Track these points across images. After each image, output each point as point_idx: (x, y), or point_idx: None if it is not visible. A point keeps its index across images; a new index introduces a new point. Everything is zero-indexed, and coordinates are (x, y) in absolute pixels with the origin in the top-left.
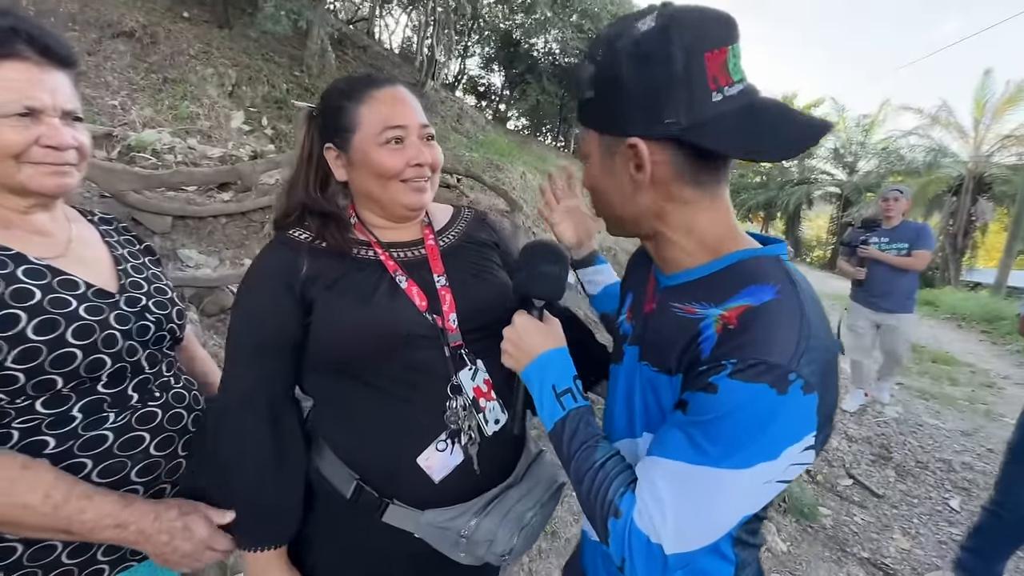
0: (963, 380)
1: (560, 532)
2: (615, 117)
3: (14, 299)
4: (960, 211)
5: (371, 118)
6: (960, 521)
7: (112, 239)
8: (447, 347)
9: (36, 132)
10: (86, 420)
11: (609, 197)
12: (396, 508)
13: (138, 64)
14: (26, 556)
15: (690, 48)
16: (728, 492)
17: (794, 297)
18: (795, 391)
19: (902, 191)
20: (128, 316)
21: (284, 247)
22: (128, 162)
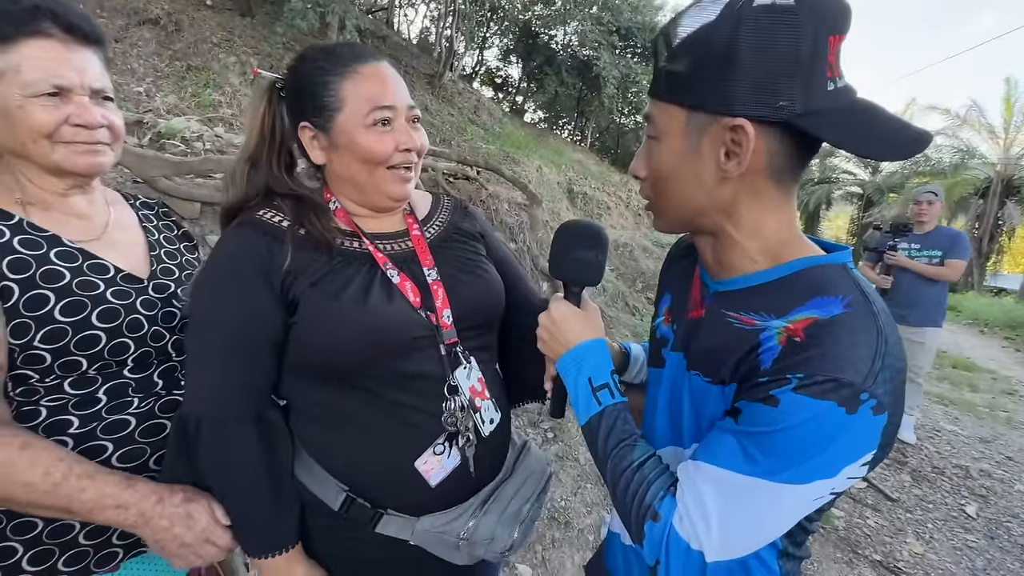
0: (983, 387)
1: (574, 523)
2: (717, 92)
3: (44, 280)
4: (987, 215)
5: (357, 96)
6: (976, 528)
7: (151, 224)
8: (443, 345)
9: (65, 111)
10: (110, 403)
11: (682, 185)
12: (390, 518)
13: (163, 51)
14: (46, 533)
15: (819, 28)
16: (780, 506)
17: (867, 310)
18: (865, 411)
19: (936, 193)
20: (155, 302)
21: (257, 231)
22: (158, 149)
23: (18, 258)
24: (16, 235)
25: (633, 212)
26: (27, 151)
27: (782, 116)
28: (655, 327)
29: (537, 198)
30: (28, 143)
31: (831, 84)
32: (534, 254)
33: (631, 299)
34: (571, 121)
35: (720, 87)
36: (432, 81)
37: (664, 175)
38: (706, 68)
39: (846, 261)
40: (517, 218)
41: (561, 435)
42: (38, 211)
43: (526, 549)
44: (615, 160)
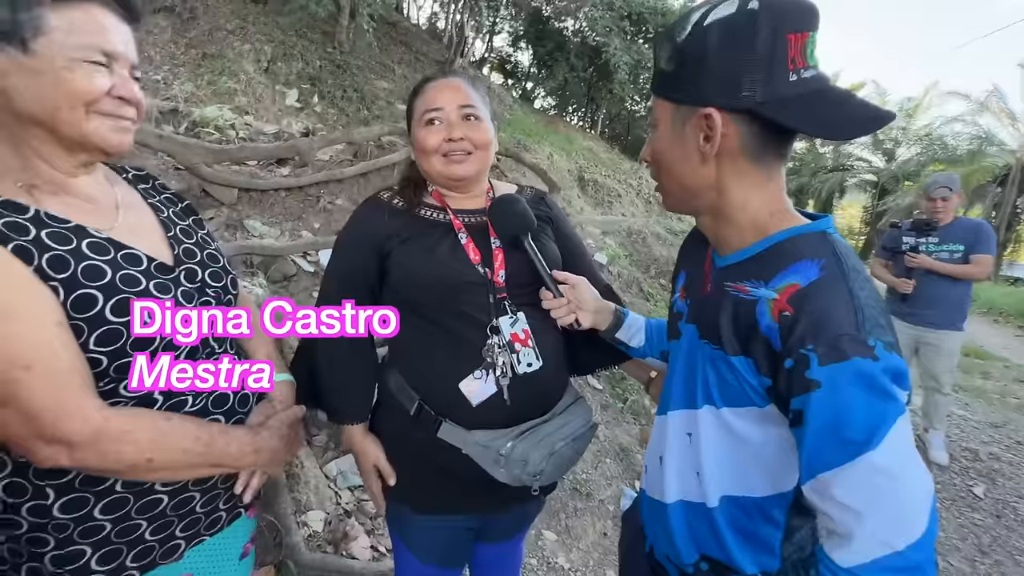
0: (996, 374)
1: (594, 494)
2: (693, 88)
3: (87, 278)
4: (1004, 203)
5: (419, 106)
6: (983, 507)
7: (154, 199)
8: (493, 296)
9: (108, 82)
10: (166, 403)
11: (675, 167)
12: (448, 426)
13: (178, 39)
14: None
15: (776, 28)
16: (899, 459)
17: (838, 272)
18: (880, 351)
19: (951, 187)
20: (191, 293)
21: (371, 205)
22: (193, 136)
23: (55, 255)
24: (41, 229)
25: (644, 200)
26: (56, 118)
27: (745, 104)
28: (672, 303)
29: (555, 184)
30: (64, 108)
31: (793, 75)
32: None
33: (645, 285)
34: (581, 108)
35: (693, 83)
36: (443, 68)
37: (661, 160)
38: (685, 68)
39: (825, 228)
40: None
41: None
42: (46, 196)
43: (551, 517)
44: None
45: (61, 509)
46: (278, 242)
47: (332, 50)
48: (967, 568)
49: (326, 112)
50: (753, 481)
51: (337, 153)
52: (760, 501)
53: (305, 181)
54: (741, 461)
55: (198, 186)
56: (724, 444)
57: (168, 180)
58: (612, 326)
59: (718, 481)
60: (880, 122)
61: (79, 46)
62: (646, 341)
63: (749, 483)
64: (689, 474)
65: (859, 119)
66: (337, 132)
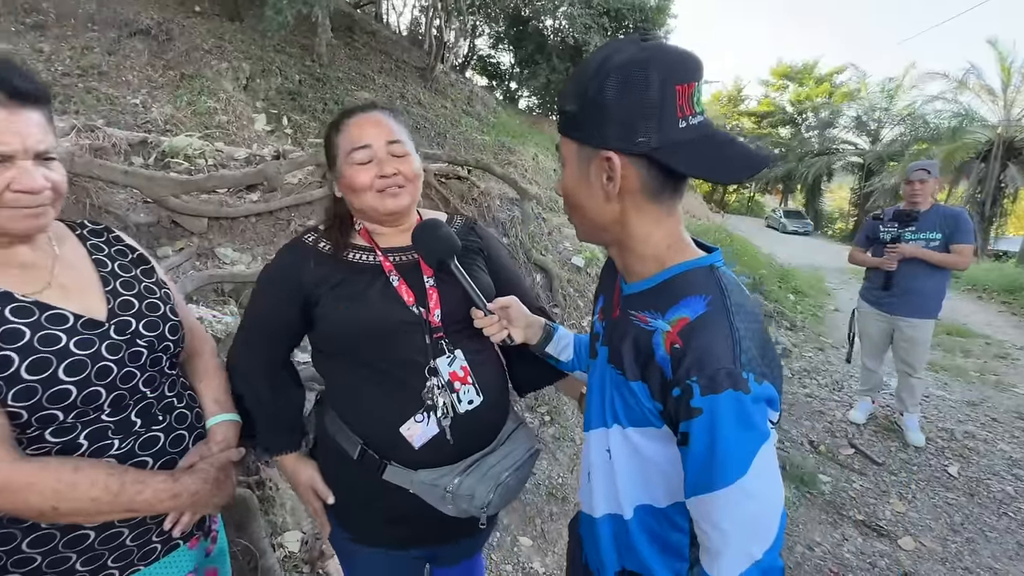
0: (977, 351)
1: (570, 498)
2: (595, 131)
3: (5, 340)
4: (988, 178)
5: (344, 143)
6: (957, 486)
7: (102, 254)
8: (429, 336)
9: (7, 177)
10: (91, 447)
11: (582, 203)
12: (393, 468)
13: (155, 61)
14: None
15: (665, 79)
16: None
17: (721, 307)
18: (752, 384)
19: (929, 170)
20: (119, 345)
21: (295, 250)
22: (163, 167)
23: None
24: None
25: None
26: None
27: (642, 149)
28: (592, 324)
29: (528, 193)
30: None
31: (683, 122)
32: (527, 247)
33: None
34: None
35: (594, 127)
36: (424, 74)
37: (570, 195)
38: (586, 111)
39: (713, 262)
40: (509, 213)
41: (557, 418)
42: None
43: (526, 523)
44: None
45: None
46: (249, 268)
47: (311, 63)
48: (938, 547)
49: (307, 125)
50: (657, 492)
51: (306, 175)
52: (665, 510)
53: (275, 206)
54: (646, 474)
55: (167, 217)
56: (632, 460)
57: (137, 213)
58: (542, 340)
59: (631, 493)
60: (760, 164)
61: None
62: (575, 356)
63: (654, 494)
64: (610, 488)
65: (742, 163)
66: (304, 155)
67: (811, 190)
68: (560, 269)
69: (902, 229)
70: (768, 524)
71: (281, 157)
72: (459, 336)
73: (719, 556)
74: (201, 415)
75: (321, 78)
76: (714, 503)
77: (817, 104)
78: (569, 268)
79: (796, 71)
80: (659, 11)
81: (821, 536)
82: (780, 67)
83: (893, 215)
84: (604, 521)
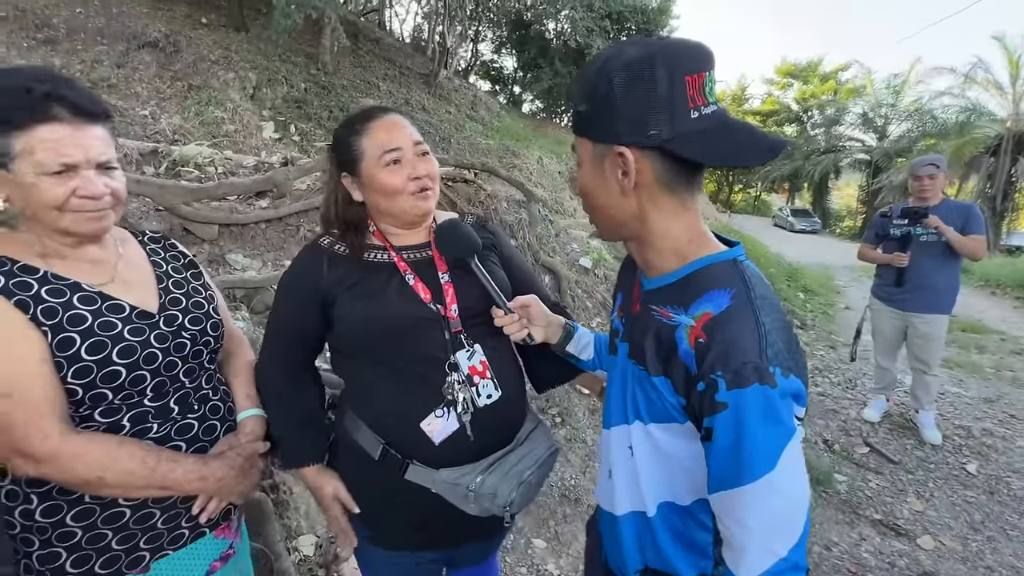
0: (992, 348)
1: (583, 499)
2: (607, 128)
3: (70, 324)
4: (999, 172)
5: (371, 146)
6: (976, 484)
7: (158, 256)
8: (448, 332)
9: (72, 185)
10: (133, 429)
11: (599, 200)
12: (415, 467)
13: (163, 73)
14: (84, 540)
15: (673, 71)
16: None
17: (746, 300)
18: (778, 378)
19: (938, 164)
20: (166, 335)
21: (313, 252)
22: (174, 176)
23: (48, 306)
24: (43, 286)
25: None
26: (40, 217)
27: (654, 142)
28: (612, 321)
29: (534, 195)
30: (41, 211)
31: (695, 112)
32: (535, 249)
33: None
34: (569, 109)
35: (606, 124)
36: (428, 80)
37: (587, 193)
38: (597, 110)
39: (736, 256)
40: (516, 216)
41: (568, 419)
42: (57, 261)
43: (540, 525)
44: None
45: (42, 514)
46: (260, 274)
47: (316, 71)
48: (959, 546)
49: (313, 133)
50: (680, 489)
51: (314, 181)
52: (689, 507)
53: (284, 212)
54: (669, 471)
55: (179, 225)
56: (654, 456)
57: (150, 221)
58: (563, 339)
59: (654, 490)
60: (777, 148)
61: (40, 163)
62: (595, 354)
63: (677, 491)
64: (633, 486)
65: (757, 147)
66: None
67: (818, 188)
68: (568, 270)
69: (912, 226)
70: (794, 521)
71: (289, 164)
72: (476, 331)
73: (743, 553)
74: (233, 409)
75: (326, 86)
76: (739, 499)
77: (822, 101)
78: (577, 269)
79: (800, 69)
80: (661, 12)
81: (838, 536)
82: (784, 65)
83: (902, 212)
84: (627, 519)
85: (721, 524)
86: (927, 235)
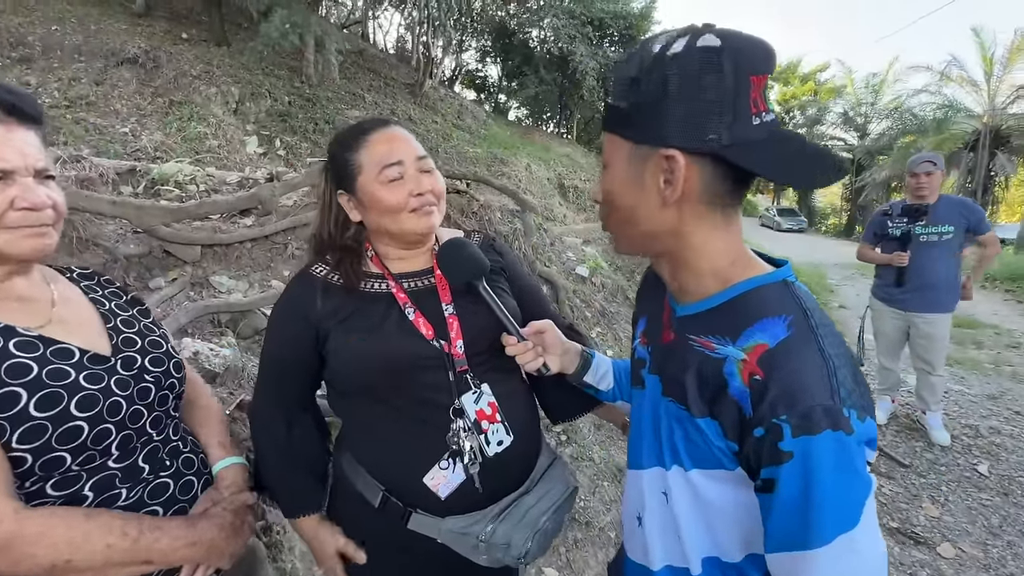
0: (988, 343)
1: (594, 522)
2: (653, 128)
3: (10, 376)
4: (978, 167)
5: (370, 160)
6: (989, 486)
7: (97, 294)
8: (452, 372)
9: (10, 194)
10: (97, 499)
11: (630, 210)
12: (419, 516)
13: (144, 89)
14: None
15: (739, 69)
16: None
17: (806, 327)
18: (854, 423)
19: (935, 161)
20: (127, 380)
21: (305, 282)
22: (153, 195)
23: None
24: None
25: None
26: None
27: (711, 148)
28: (634, 349)
29: (528, 204)
30: None
31: (756, 119)
32: (531, 260)
33: (631, 292)
34: (555, 115)
35: (655, 122)
36: (413, 91)
37: (615, 201)
38: (643, 106)
39: (786, 276)
40: (511, 226)
41: (574, 436)
42: None
43: (551, 552)
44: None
45: None
46: (246, 296)
47: (300, 84)
48: (980, 553)
49: (299, 146)
50: (728, 543)
51: (302, 197)
52: (739, 565)
53: (270, 230)
54: (713, 523)
55: (159, 247)
56: (695, 505)
57: (127, 244)
58: (580, 369)
59: (697, 544)
60: (843, 170)
61: None
62: (615, 384)
63: (724, 545)
64: (671, 537)
65: (822, 166)
66: (299, 176)
67: None
68: (565, 280)
69: (912, 224)
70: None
71: (275, 179)
72: (483, 368)
73: None
74: (207, 461)
75: (311, 99)
76: (809, 563)
77: (804, 102)
78: (574, 278)
79: (780, 71)
80: (643, 18)
81: None
82: None
83: (902, 210)
84: (665, 574)
85: None
86: (927, 234)
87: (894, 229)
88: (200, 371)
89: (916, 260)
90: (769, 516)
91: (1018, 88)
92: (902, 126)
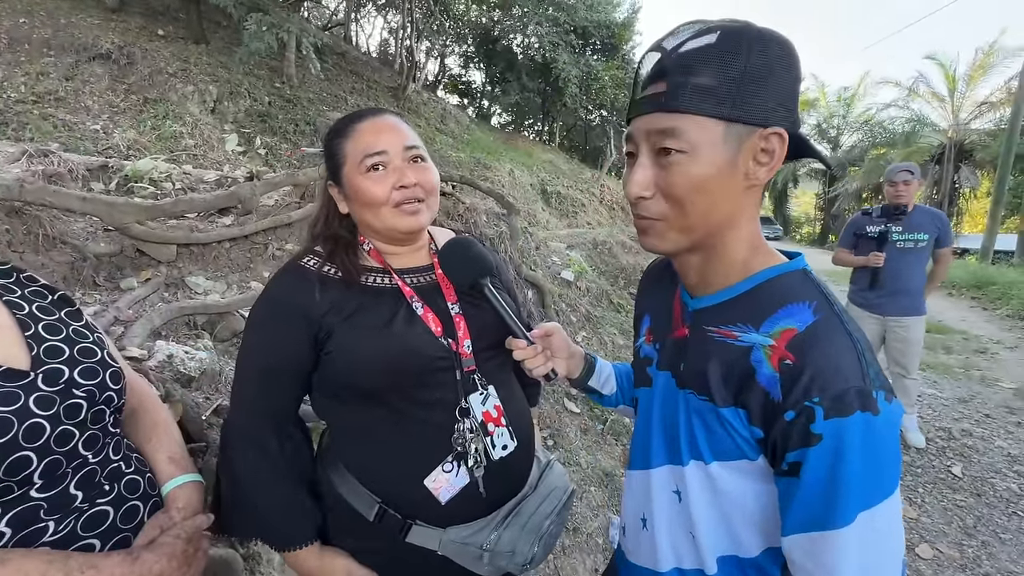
0: (957, 348)
1: (581, 528)
2: (755, 104)
3: None
4: (944, 179)
5: (354, 149)
6: (963, 487)
7: (14, 295)
8: (460, 371)
9: None
10: (16, 536)
11: (711, 196)
12: (419, 528)
13: (117, 86)
14: None
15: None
16: (891, 521)
17: (832, 312)
18: (882, 404)
19: (912, 171)
20: (50, 398)
21: (297, 276)
22: (126, 192)
23: None
24: None
25: (607, 207)
26: None
27: (797, 128)
28: (637, 348)
29: (514, 207)
30: None
31: None
32: (516, 263)
33: (615, 296)
34: (538, 122)
35: (756, 99)
36: (396, 94)
37: (694, 188)
38: (740, 83)
39: (804, 266)
40: (496, 229)
41: (561, 440)
42: None
43: None
44: (585, 157)
45: None
46: (224, 298)
47: (281, 85)
48: (956, 553)
49: (279, 147)
50: (745, 539)
51: (283, 196)
52: (757, 560)
53: (250, 229)
54: (732, 518)
55: (131, 246)
56: (714, 502)
57: (97, 242)
58: (585, 373)
59: (714, 542)
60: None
61: None
62: (617, 388)
63: (742, 542)
64: (683, 537)
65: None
66: (280, 175)
67: (779, 197)
68: (551, 284)
69: (890, 224)
70: (892, 571)
71: (255, 178)
72: (488, 369)
73: None
74: (155, 482)
75: (291, 99)
76: (831, 543)
77: None
78: (559, 283)
79: None
80: (624, 27)
81: None
82: None
83: (882, 210)
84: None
85: (799, 572)
86: (903, 240)
87: (872, 229)
88: (175, 375)
89: (892, 265)
90: (791, 500)
91: (980, 104)
92: (872, 139)
